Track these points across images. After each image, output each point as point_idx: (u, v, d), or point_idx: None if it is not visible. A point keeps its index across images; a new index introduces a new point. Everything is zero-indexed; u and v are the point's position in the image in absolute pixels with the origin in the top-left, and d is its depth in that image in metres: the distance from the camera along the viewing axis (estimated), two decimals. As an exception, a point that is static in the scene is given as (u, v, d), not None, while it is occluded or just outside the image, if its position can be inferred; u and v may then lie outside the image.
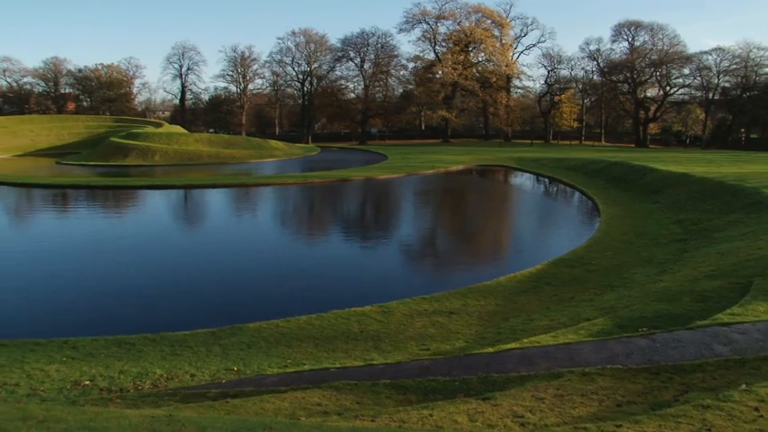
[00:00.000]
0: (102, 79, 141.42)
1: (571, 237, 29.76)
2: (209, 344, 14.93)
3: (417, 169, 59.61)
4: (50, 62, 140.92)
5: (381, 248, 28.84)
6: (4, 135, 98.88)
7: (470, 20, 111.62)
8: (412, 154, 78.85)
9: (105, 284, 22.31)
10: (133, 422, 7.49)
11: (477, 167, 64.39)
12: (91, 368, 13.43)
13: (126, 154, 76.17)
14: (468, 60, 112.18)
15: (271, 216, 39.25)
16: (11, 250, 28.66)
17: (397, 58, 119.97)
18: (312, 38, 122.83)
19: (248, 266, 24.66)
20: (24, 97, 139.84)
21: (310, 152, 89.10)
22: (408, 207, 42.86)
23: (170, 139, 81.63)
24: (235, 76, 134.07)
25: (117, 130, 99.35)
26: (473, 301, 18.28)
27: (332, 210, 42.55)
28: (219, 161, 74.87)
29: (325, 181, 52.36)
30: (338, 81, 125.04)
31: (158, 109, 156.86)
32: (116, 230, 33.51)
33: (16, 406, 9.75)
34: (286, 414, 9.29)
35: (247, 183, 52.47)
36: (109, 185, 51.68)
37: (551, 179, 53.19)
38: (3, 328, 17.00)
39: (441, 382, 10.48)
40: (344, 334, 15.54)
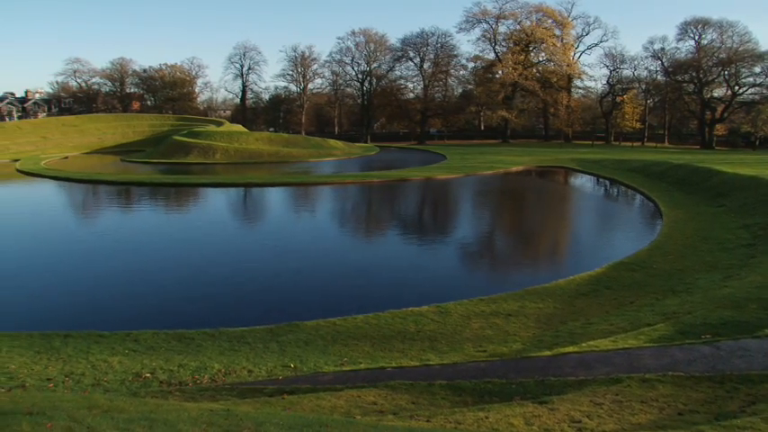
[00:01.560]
0: (165, 79, 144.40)
1: (632, 240, 29.18)
2: (267, 340, 15.11)
3: (476, 170, 59.20)
4: (117, 63, 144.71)
5: (439, 248, 28.75)
6: (74, 133, 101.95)
7: (531, 19, 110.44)
8: (471, 154, 78.34)
9: (165, 279, 22.81)
10: (192, 415, 7.62)
11: (537, 168, 63.62)
12: (151, 361, 13.74)
13: (188, 152, 77.57)
14: (529, 60, 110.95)
15: (329, 215, 39.50)
16: (78, 245, 29.51)
17: (456, 58, 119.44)
18: (372, 38, 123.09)
19: (306, 264, 24.85)
20: (92, 97, 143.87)
21: (369, 152, 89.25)
22: (467, 208, 42.64)
23: (231, 138, 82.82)
24: (295, 75, 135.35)
25: (179, 128, 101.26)
26: (531, 303, 18.10)
27: (390, 209, 42.60)
28: (279, 160, 75.60)
29: (384, 180, 52.41)
30: (398, 81, 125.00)
31: (220, 108, 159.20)
32: (177, 227, 34.21)
33: (82, 395, 10.05)
34: (342, 412, 9.34)
35: (306, 181, 52.88)
36: (171, 183, 52.72)
37: (612, 181, 52.16)
38: (70, 320, 17.53)
39: (497, 384, 10.42)
40: (401, 333, 15.56)
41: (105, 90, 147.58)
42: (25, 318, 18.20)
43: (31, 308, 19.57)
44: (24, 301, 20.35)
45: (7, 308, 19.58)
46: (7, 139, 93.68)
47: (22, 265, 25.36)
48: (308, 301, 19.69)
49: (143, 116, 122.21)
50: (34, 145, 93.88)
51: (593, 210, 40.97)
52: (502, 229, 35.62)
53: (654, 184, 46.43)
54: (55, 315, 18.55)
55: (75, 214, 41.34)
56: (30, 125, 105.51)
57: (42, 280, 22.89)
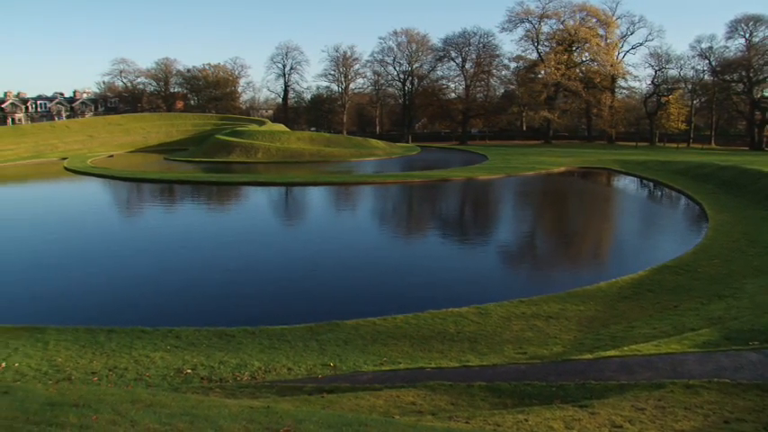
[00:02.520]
0: (209, 79, 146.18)
1: (676, 243, 28.69)
2: (307, 339, 15.20)
3: (518, 170, 58.79)
4: (162, 63, 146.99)
5: (480, 249, 28.61)
6: (119, 132, 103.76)
7: (575, 18, 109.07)
8: (512, 155, 77.79)
9: (206, 277, 23.08)
10: (233, 412, 7.70)
11: (579, 170, 62.87)
12: (193, 357, 13.93)
13: (230, 151, 78.36)
14: (572, 60, 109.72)
15: (370, 214, 39.58)
16: (122, 242, 30.00)
17: (498, 58, 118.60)
18: (414, 38, 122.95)
19: (346, 264, 24.94)
20: (138, 96, 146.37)
21: (410, 151, 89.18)
22: (508, 208, 42.36)
23: (272, 137, 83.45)
24: (336, 75, 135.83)
25: (222, 127, 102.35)
26: (572, 305, 17.92)
27: (431, 209, 42.51)
28: (320, 159, 76.00)
29: (425, 180, 52.31)
30: (439, 81, 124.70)
31: (262, 107, 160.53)
32: (218, 225, 34.61)
33: (126, 389, 10.23)
34: (381, 412, 9.35)
35: (348, 181, 53.07)
36: (213, 181, 53.34)
37: (656, 183, 51.33)
38: (114, 316, 17.85)
39: (537, 386, 10.33)
40: (441, 334, 15.53)
41: (150, 90, 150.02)
42: (71, 312, 18.55)
43: (76, 303, 19.96)
44: (69, 296, 20.78)
45: (54, 302, 20.01)
46: (56, 137, 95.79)
47: (68, 261, 25.89)
48: (348, 301, 19.77)
49: (186, 115, 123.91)
50: (81, 144, 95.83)
51: (636, 212, 40.36)
52: (543, 230, 35.31)
53: (699, 187, 45.58)
54: (99, 310, 18.89)
55: (120, 212, 42.03)
56: (77, 124, 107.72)
57: (87, 276, 23.35)
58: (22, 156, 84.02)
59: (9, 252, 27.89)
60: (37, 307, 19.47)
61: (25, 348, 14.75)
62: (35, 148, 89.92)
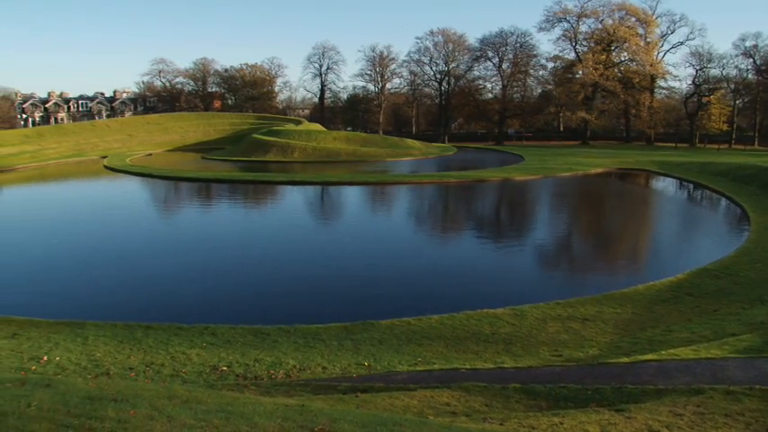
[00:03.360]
0: (246, 78, 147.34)
1: (716, 246, 28.21)
2: (342, 338, 15.24)
3: (554, 171, 58.25)
4: (200, 63, 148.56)
5: (515, 250, 28.44)
6: (158, 132, 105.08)
7: (613, 18, 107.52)
8: (549, 155, 77.10)
9: (242, 275, 23.31)
10: (268, 409, 7.74)
11: (617, 171, 62.07)
12: (228, 355, 14.06)
13: (267, 150, 78.84)
14: (610, 60, 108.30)
15: (405, 214, 39.58)
16: (159, 240, 30.39)
17: (535, 58, 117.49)
18: (450, 37, 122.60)
19: (381, 263, 24.97)
20: (176, 96, 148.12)
21: (447, 152, 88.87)
22: (544, 210, 42.03)
23: (309, 137, 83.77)
24: (373, 75, 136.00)
25: (259, 127, 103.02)
26: (608, 308, 17.72)
27: (467, 210, 42.35)
28: (356, 159, 76.09)
29: (461, 181, 52.12)
30: (476, 81, 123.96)
31: (298, 107, 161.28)
32: (254, 224, 34.90)
33: (162, 385, 10.34)
34: (415, 412, 9.34)
35: (383, 181, 53.10)
36: (249, 180, 53.77)
37: (696, 184, 50.49)
38: (151, 313, 18.06)
39: (572, 389, 10.24)
40: (476, 335, 15.47)
41: (188, 89, 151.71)
42: (109, 308, 18.85)
43: (114, 299, 20.28)
44: (108, 293, 21.11)
45: (93, 299, 20.36)
46: (97, 136, 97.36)
47: (106, 259, 26.29)
48: (383, 300, 19.79)
49: (224, 115, 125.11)
50: (121, 142, 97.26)
51: (675, 214, 39.76)
52: (580, 232, 34.98)
53: (741, 189, 44.74)
54: (137, 307, 19.17)
55: (157, 210, 42.56)
56: (117, 123, 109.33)
57: (125, 273, 23.72)
58: (63, 154, 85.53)
59: (50, 249, 28.41)
60: (77, 303, 19.83)
61: (66, 343, 15.03)
62: (76, 146, 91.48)
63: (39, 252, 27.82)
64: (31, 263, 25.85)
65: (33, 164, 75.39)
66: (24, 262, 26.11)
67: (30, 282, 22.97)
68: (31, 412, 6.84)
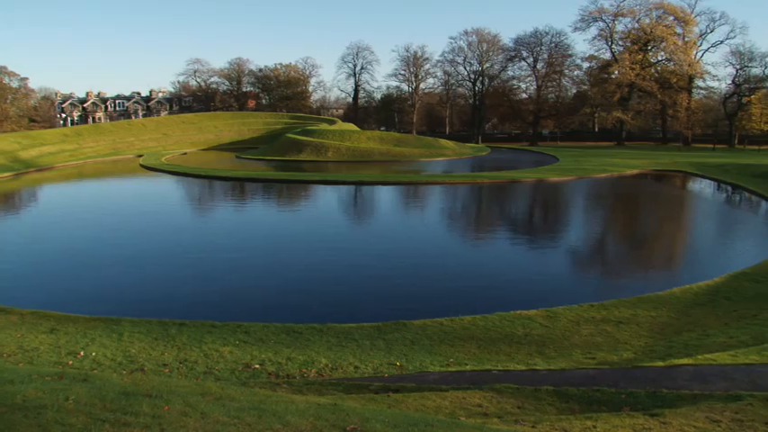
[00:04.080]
0: (280, 78, 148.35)
1: (756, 249, 27.69)
2: (374, 338, 15.25)
3: (589, 172, 57.66)
4: (234, 63, 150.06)
5: (549, 251, 28.24)
6: (193, 131, 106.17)
7: (651, 17, 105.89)
8: (584, 156, 76.39)
9: (274, 274, 23.47)
10: (300, 408, 7.77)
11: (653, 172, 61.22)
12: (261, 353, 14.15)
13: (301, 150, 79.20)
14: (647, 60, 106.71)
15: (439, 215, 39.50)
16: (193, 238, 30.69)
17: (570, 58, 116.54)
18: (485, 37, 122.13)
19: (413, 263, 24.93)
20: (211, 95, 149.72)
21: (480, 152, 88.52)
22: (578, 211, 41.62)
23: (343, 136, 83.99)
24: (407, 75, 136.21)
25: (293, 126, 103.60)
26: (643, 311, 17.50)
27: (500, 210, 42.17)
28: (390, 159, 76.12)
29: (494, 181, 51.91)
30: (510, 81, 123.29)
31: (332, 107, 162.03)
32: (287, 223, 35.09)
33: (196, 382, 10.44)
34: (446, 413, 9.31)
35: (417, 181, 53.06)
36: (283, 179, 54.13)
37: (735, 187, 49.61)
38: (184, 310, 18.26)
39: (606, 393, 10.12)
40: (508, 336, 15.38)
41: (223, 89, 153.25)
42: (144, 305, 19.10)
43: (149, 296, 20.59)
44: (143, 290, 21.42)
45: (128, 295, 20.65)
46: (133, 135, 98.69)
47: (142, 255, 26.65)
48: (416, 301, 19.76)
49: (258, 114, 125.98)
50: (156, 141, 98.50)
51: (713, 216, 39.08)
52: (614, 233, 34.60)
53: (782, 191, 43.89)
54: (171, 304, 19.39)
55: (191, 209, 42.99)
56: (153, 123, 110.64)
57: (160, 270, 24.04)
58: (101, 153, 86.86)
59: (87, 246, 28.88)
60: (112, 299, 20.11)
61: (102, 339, 15.27)
62: (113, 145, 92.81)
63: (77, 249, 28.29)
64: (70, 259, 26.31)
65: (72, 162, 76.73)
66: (63, 258, 26.59)
67: (67, 278, 23.40)
68: (68, 406, 6.99)
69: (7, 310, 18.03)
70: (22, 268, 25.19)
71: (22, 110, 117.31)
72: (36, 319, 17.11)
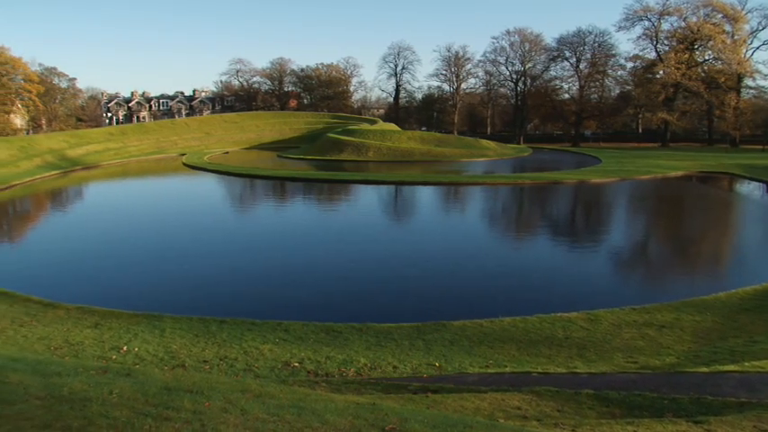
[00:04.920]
0: (321, 78, 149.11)
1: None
2: (413, 338, 15.22)
3: (632, 174, 56.82)
4: (276, 62, 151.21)
5: (590, 254, 27.91)
6: (235, 130, 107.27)
7: (698, 15, 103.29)
8: (627, 158, 75.31)
9: (314, 273, 23.54)
10: (339, 407, 7.78)
11: (699, 174, 60.04)
12: (300, 351, 14.21)
13: (341, 149, 79.46)
14: (693, 59, 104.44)
15: (479, 215, 39.32)
16: (232, 236, 30.98)
17: (614, 58, 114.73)
18: (527, 37, 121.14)
19: (453, 264, 24.84)
20: (253, 95, 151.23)
21: (522, 153, 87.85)
22: (621, 213, 41.03)
23: (383, 136, 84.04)
24: (448, 75, 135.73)
25: (334, 126, 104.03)
26: (687, 315, 17.16)
27: (541, 212, 41.79)
28: (431, 159, 75.93)
29: (535, 182, 51.48)
30: (552, 81, 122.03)
31: (373, 106, 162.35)
32: (327, 223, 35.22)
33: (236, 379, 10.54)
34: (485, 414, 9.25)
35: (457, 181, 52.88)
36: (324, 179, 54.39)
37: (785, 189, 48.50)
38: (225, 308, 18.44)
39: (648, 398, 9.95)
40: (548, 339, 15.23)
41: (264, 89, 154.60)
42: (185, 302, 19.33)
43: (190, 293, 20.82)
44: (184, 286, 21.70)
45: (170, 292, 20.93)
46: (176, 134, 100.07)
47: (183, 253, 27.00)
48: (455, 301, 19.70)
49: (299, 114, 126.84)
50: (199, 140, 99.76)
51: (761, 219, 38.15)
52: (658, 236, 34.06)
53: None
54: (212, 301, 19.60)
55: (232, 207, 43.42)
56: (195, 122, 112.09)
57: (201, 267, 24.30)
58: (145, 151, 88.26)
59: (130, 243, 29.36)
60: (155, 296, 20.42)
61: (144, 334, 15.52)
62: (157, 144, 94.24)
63: (120, 245, 28.78)
64: (113, 255, 26.77)
65: (116, 160, 78.21)
66: (107, 254, 27.07)
67: (111, 274, 23.81)
68: (112, 399, 7.14)
69: (54, 304, 18.48)
70: (67, 264, 25.76)
71: (70, 109, 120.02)
72: (81, 314, 17.48)
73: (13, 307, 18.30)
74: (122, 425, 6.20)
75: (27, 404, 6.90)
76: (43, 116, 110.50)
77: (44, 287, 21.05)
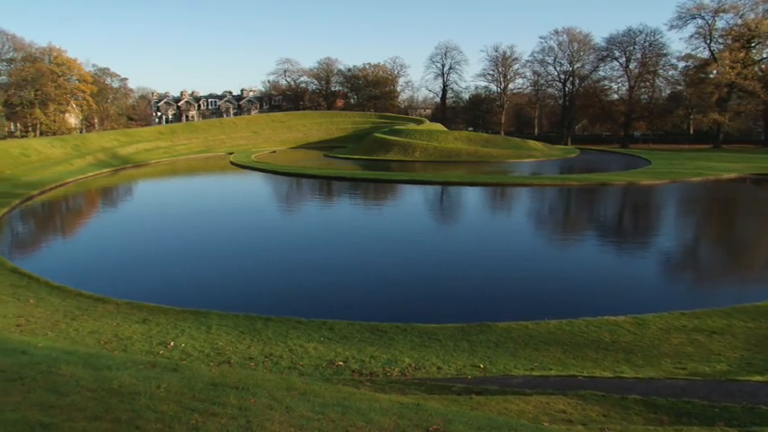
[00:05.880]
0: (368, 78, 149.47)
1: None
2: (458, 339, 15.16)
3: (683, 176, 55.66)
4: (324, 62, 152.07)
5: (638, 257, 27.45)
6: (282, 129, 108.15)
7: (756, 11, 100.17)
8: (678, 159, 73.84)
9: (359, 273, 23.61)
10: (383, 406, 7.79)
11: (753, 176, 58.67)
12: (345, 350, 14.26)
13: (388, 149, 79.53)
14: (750, 58, 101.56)
15: (525, 216, 38.99)
16: (277, 235, 31.23)
17: (665, 57, 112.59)
18: (575, 37, 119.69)
19: (498, 265, 24.70)
20: (300, 95, 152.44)
21: (569, 154, 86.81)
22: (670, 215, 40.25)
23: (430, 136, 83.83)
24: (495, 75, 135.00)
25: (380, 125, 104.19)
26: (739, 321, 16.75)
27: (589, 213, 41.25)
28: (477, 159, 75.50)
29: (583, 184, 50.85)
30: (601, 81, 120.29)
31: (420, 106, 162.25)
32: (372, 222, 35.28)
33: (281, 376, 10.62)
34: (529, 417, 9.17)
35: (504, 182, 52.50)
36: (370, 178, 54.47)
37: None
38: (270, 306, 18.58)
39: (698, 405, 9.73)
40: (594, 342, 15.01)
41: (312, 88, 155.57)
42: (231, 300, 19.54)
43: (236, 291, 21.08)
44: (230, 284, 21.96)
45: (216, 290, 21.20)
46: (224, 133, 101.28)
47: (228, 251, 27.32)
48: (500, 302, 19.57)
49: (346, 113, 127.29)
50: (246, 139, 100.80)
51: (818, 223, 37.12)
52: (709, 239, 33.32)
53: None
54: (257, 299, 19.79)
55: (279, 206, 43.76)
56: (243, 121, 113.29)
57: (247, 266, 24.56)
58: (193, 150, 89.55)
59: (177, 240, 29.81)
60: (201, 293, 20.72)
61: (191, 330, 15.75)
62: (205, 143, 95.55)
63: (167, 242, 29.25)
64: (161, 252, 27.23)
65: (166, 159, 79.52)
66: (155, 251, 27.56)
67: (159, 270, 24.24)
68: (160, 393, 7.28)
69: (104, 299, 18.88)
70: (117, 260, 26.29)
71: (121, 109, 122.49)
72: (130, 310, 17.81)
73: (65, 301, 18.76)
74: (169, 419, 6.31)
75: (79, 396, 7.07)
76: (96, 115, 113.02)
77: (95, 282, 21.53)
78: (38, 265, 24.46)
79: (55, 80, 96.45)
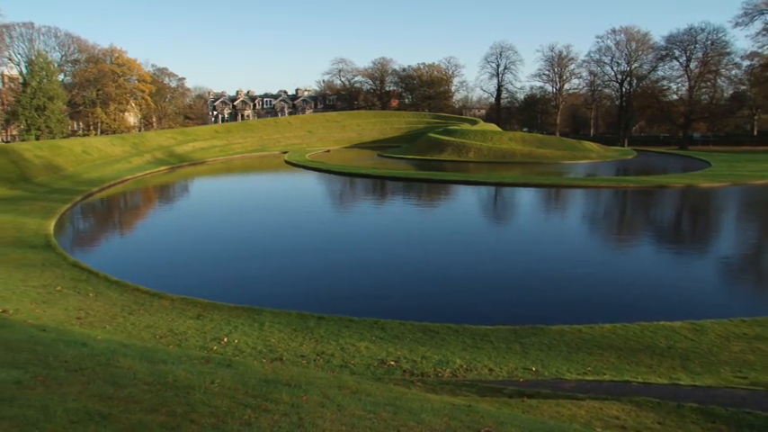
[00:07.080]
0: (423, 78, 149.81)
1: None
2: (510, 341, 15.03)
3: (745, 178, 54.15)
4: (378, 62, 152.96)
5: (697, 261, 26.86)
6: (336, 129, 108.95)
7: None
8: (740, 162, 71.98)
9: (412, 272, 23.57)
10: (435, 407, 7.78)
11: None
12: (396, 350, 14.26)
13: (442, 149, 79.41)
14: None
15: (580, 218, 38.47)
16: (330, 234, 31.39)
17: (729, 56, 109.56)
18: (633, 36, 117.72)
19: (551, 267, 24.39)
20: (354, 94, 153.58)
21: (626, 155, 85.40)
22: (731, 219, 39.22)
23: (484, 137, 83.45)
24: (551, 75, 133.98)
25: (434, 126, 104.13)
26: (804, 329, 16.21)
27: (645, 216, 40.45)
28: (532, 160, 74.95)
29: (639, 186, 49.96)
30: (660, 81, 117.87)
31: (474, 107, 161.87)
32: (426, 222, 35.29)
33: (332, 374, 10.68)
34: (582, 422, 9.04)
35: (559, 183, 51.94)
36: (423, 179, 54.45)
37: None
38: (322, 304, 18.70)
39: (760, 417, 9.44)
40: (650, 348, 14.71)
41: (366, 88, 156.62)
42: (284, 297, 19.73)
43: (289, 289, 21.32)
44: (283, 281, 22.21)
45: (269, 287, 21.47)
46: (279, 132, 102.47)
47: (283, 249, 27.63)
48: (554, 305, 19.35)
49: (400, 113, 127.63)
50: (300, 139, 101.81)
51: None
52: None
53: None
54: (310, 297, 19.93)
55: (332, 205, 44.01)
56: (298, 120, 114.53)
57: (300, 264, 24.78)
58: (248, 149, 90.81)
59: (232, 238, 30.26)
60: (255, 290, 20.98)
61: (244, 327, 15.94)
62: (260, 141, 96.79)
63: (222, 239, 29.69)
64: (216, 249, 27.65)
65: (221, 157, 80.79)
66: (210, 248, 28.01)
67: (214, 266, 24.63)
68: (214, 389, 7.40)
69: (160, 294, 19.25)
70: (173, 256, 26.82)
71: (179, 108, 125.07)
72: (184, 305, 18.12)
73: (123, 296, 19.19)
74: (223, 414, 6.40)
75: (136, 388, 7.24)
76: (154, 114, 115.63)
77: (151, 277, 22.02)
78: (97, 260, 25.10)
79: (116, 80, 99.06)
